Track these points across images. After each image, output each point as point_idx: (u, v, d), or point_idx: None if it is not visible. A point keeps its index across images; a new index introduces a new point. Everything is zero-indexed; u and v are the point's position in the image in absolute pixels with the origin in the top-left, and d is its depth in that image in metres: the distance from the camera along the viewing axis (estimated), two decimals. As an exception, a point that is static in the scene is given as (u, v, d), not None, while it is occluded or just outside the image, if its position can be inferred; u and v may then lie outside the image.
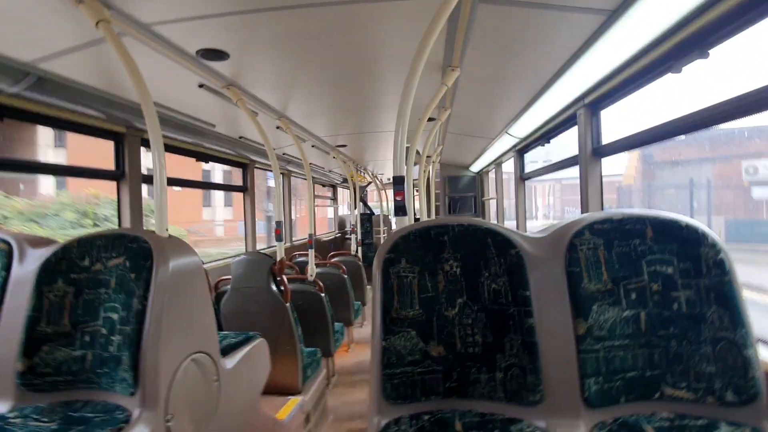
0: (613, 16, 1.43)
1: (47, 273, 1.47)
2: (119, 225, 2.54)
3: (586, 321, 1.15)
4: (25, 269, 1.49)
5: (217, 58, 1.87)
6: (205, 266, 2.69)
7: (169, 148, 3.03)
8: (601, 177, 2.30)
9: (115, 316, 1.38)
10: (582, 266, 1.18)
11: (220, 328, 2.40)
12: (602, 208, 2.29)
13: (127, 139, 2.53)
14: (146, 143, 2.64)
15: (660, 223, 1.19)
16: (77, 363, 1.39)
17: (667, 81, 1.66)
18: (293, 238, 5.68)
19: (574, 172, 2.46)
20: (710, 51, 1.40)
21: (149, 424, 1.27)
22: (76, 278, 1.46)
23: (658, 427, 1.04)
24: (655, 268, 1.17)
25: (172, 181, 2.83)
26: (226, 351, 1.80)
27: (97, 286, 1.44)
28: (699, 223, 1.19)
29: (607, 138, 2.25)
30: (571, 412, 1.11)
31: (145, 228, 2.48)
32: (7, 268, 1.50)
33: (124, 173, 2.53)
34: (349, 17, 1.58)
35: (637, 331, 1.15)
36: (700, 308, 1.13)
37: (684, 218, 1.20)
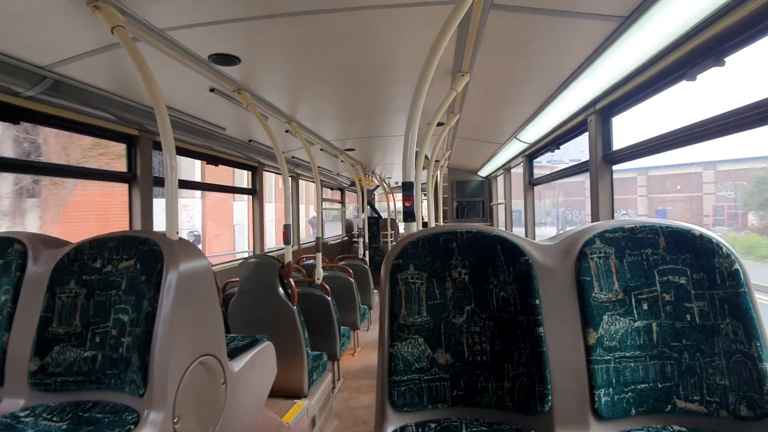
0: (625, 22, 1.42)
1: (60, 274, 1.49)
2: (130, 227, 2.57)
3: (597, 331, 1.13)
4: (39, 270, 1.51)
5: (228, 62, 1.89)
6: (213, 268, 2.71)
7: (180, 151, 3.06)
8: (611, 184, 2.27)
9: (125, 318, 1.39)
10: (593, 275, 1.17)
11: (227, 331, 2.41)
12: (613, 216, 2.27)
13: (139, 142, 2.56)
14: (158, 146, 2.67)
15: (673, 233, 1.17)
16: (87, 364, 1.40)
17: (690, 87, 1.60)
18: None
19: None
20: (726, 59, 1.38)
21: (157, 425, 1.27)
22: (87, 279, 1.48)
23: None
24: (668, 278, 1.15)
25: (183, 184, 2.86)
26: (233, 354, 1.80)
27: (108, 288, 1.45)
28: (713, 233, 1.17)
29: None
30: (580, 423, 1.10)
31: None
32: (22, 268, 1.52)
33: (135, 176, 2.57)
34: (359, 23, 1.59)
35: (649, 342, 1.13)
36: (713, 320, 1.11)
37: (697, 228, 1.18)
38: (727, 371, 1.08)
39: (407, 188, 1.48)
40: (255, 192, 4.33)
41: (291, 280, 2.55)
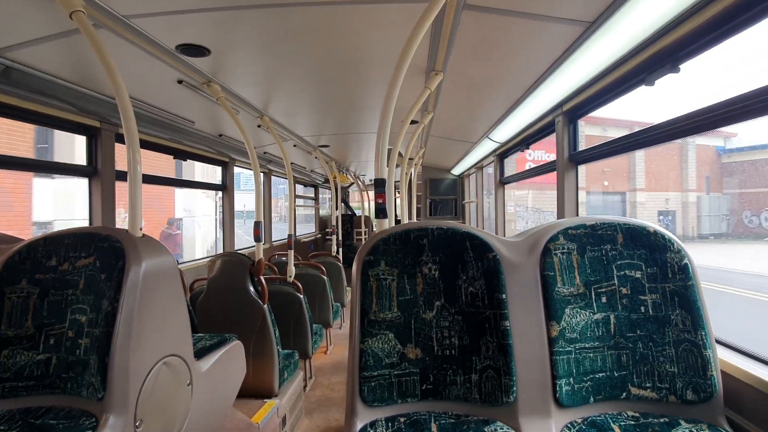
0: (590, 27, 1.47)
1: (10, 272, 1.40)
2: (90, 224, 2.46)
3: (559, 324, 1.18)
4: None
5: (197, 53, 1.83)
6: (180, 266, 2.62)
7: (146, 145, 2.94)
8: (577, 183, 2.36)
9: (83, 318, 1.33)
10: (556, 270, 1.22)
11: (194, 330, 2.34)
12: (577, 213, 2.35)
13: (101, 135, 2.44)
14: (122, 138, 2.56)
15: (630, 230, 1.24)
16: (40, 367, 1.33)
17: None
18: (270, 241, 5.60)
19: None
20: (681, 66, 1.45)
21: (118, 430, 1.22)
22: (41, 278, 1.40)
23: (624, 426, 1.08)
24: (625, 273, 1.21)
25: (147, 179, 2.75)
26: (201, 354, 1.76)
27: (65, 287, 1.38)
28: (665, 230, 1.24)
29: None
30: (543, 412, 1.14)
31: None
32: None
33: (96, 170, 2.45)
34: (332, 18, 1.58)
35: (607, 333, 1.19)
36: (665, 311, 1.18)
37: (652, 225, 1.25)
38: (676, 359, 1.15)
39: (379, 185, 1.48)
40: (225, 187, 4.23)
41: (262, 277, 2.51)
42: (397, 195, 4.89)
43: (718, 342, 1.31)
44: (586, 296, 1.21)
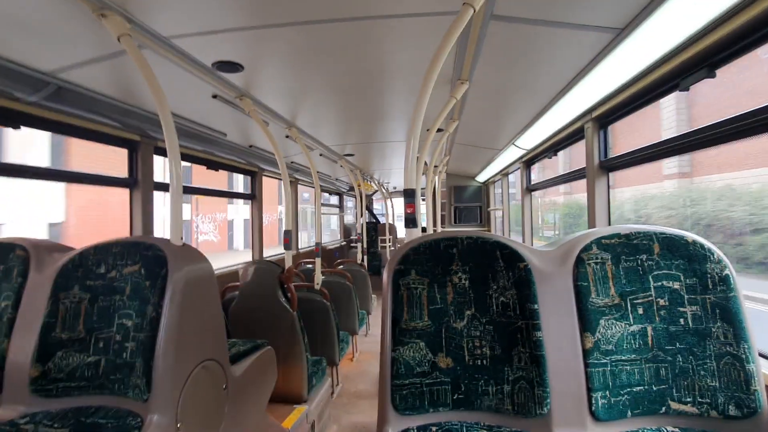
0: (621, 34, 1.45)
1: (64, 279, 1.50)
2: (131, 233, 2.58)
3: (593, 335, 1.16)
4: (41, 276, 1.52)
5: (231, 70, 1.92)
6: None
7: (182, 157, 3.07)
8: (608, 190, 2.31)
9: (129, 323, 1.40)
10: (590, 280, 1.20)
11: (228, 336, 2.41)
12: (609, 222, 2.30)
13: (140, 147, 2.58)
14: (159, 151, 2.69)
15: (667, 239, 1.20)
16: (91, 369, 1.41)
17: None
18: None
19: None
20: (717, 71, 1.41)
21: (161, 430, 1.28)
22: (91, 285, 1.49)
23: None
24: (662, 284, 1.18)
25: (185, 189, 2.87)
26: (235, 359, 1.81)
27: (112, 293, 1.46)
28: (705, 240, 1.20)
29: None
30: (578, 426, 1.12)
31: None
32: (24, 274, 1.53)
33: (136, 181, 2.58)
34: (360, 33, 1.62)
35: (644, 345, 1.16)
36: (705, 324, 1.14)
37: (690, 234, 1.21)
38: (718, 373, 1.11)
39: (409, 195, 1.50)
40: (254, 197, 4.35)
41: (291, 285, 2.57)
42: (422, 203, 4.89)
43: (764, 356, 1.25)
44: (621, 307, 1.18)
